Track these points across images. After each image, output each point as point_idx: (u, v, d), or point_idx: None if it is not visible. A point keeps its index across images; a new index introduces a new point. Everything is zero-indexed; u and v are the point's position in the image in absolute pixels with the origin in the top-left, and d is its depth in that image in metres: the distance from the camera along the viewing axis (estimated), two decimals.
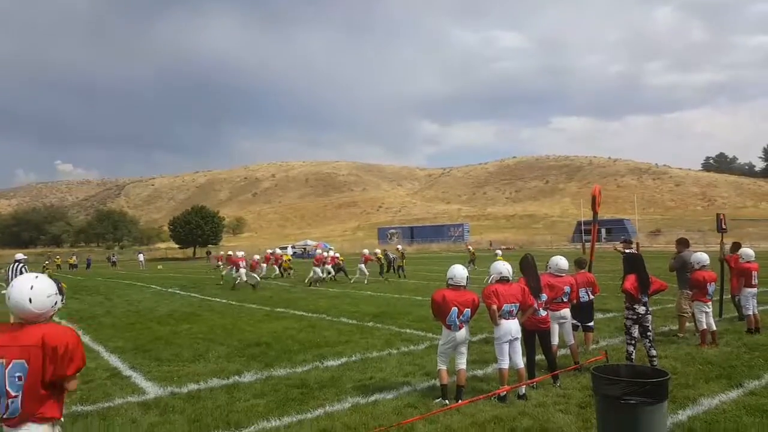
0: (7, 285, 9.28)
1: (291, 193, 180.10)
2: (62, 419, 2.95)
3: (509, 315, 5.59)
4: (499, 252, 21.47)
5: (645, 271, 6.66)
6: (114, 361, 7.89)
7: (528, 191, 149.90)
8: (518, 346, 5.66)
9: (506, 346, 5.58)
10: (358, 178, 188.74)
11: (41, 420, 2.83)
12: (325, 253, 21.94)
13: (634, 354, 6.52)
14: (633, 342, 6.54)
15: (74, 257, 56.12)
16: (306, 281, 20.37)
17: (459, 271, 5.64)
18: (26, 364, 2.79)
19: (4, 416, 2.80)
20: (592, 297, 7.67)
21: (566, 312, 6.75)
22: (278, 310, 13.06)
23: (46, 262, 52.59)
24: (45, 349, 2.80)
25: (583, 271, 7.82)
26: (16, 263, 12.96)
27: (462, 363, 5.56)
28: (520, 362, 5.64)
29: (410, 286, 18.63)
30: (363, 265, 21.09)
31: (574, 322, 7.27)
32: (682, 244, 9.17)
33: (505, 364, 5.57)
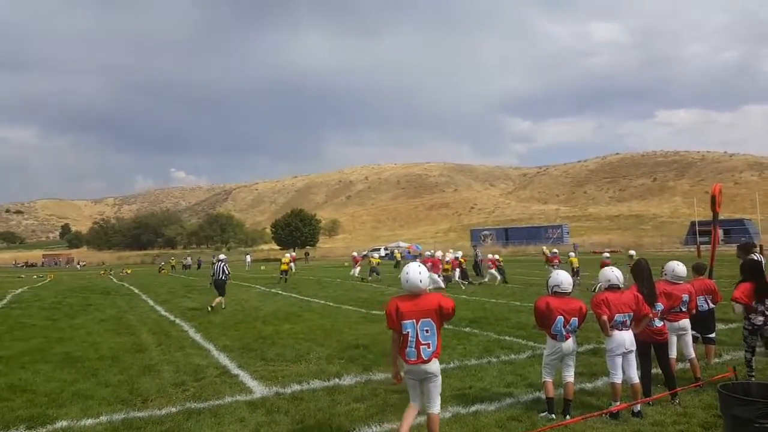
0: (213, 278, 13.74)
1: (383, 195, 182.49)
2: None
3: (622, 325, 5.22)
4: (607, 254, 20.10)
5: (764, 278, 6.10)
6: (223, 359, 8.30)
7: (634, 190, 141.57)
8: (633, 359, 5.28)
9: (619, 359, 5.22)
10: (449, 179, 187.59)
11: (439, 355, 4.31)
12: (449, 255, 21.46)
13: (753, 362, 6.06)
14: (751, 350, 6.08)
15: (188, 258, 60.23)
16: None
17: (565, 278, 5.35)
18: (432, 321, 4.22)
19: (421, 359, 4.17)
20: (712, 306, 7.06)
21: (685, 322, 6.23)
22: (374, 312, 13.19)
23: (162, 264, 56.96)
24: (440, 309, 4.25)
25: (701, 277, 7.22)
26: (219, 262, 15.85)
27: (569, 375, 5.27)
28: (635, 376, 5.26)
29: (507, 291, 18.16)
30: (493, 270, 21.10)
31: (694, 333, 6.71)
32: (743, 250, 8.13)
33: (618, 378, 5.21)
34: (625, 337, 5.23)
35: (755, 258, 7.84)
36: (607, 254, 20.20)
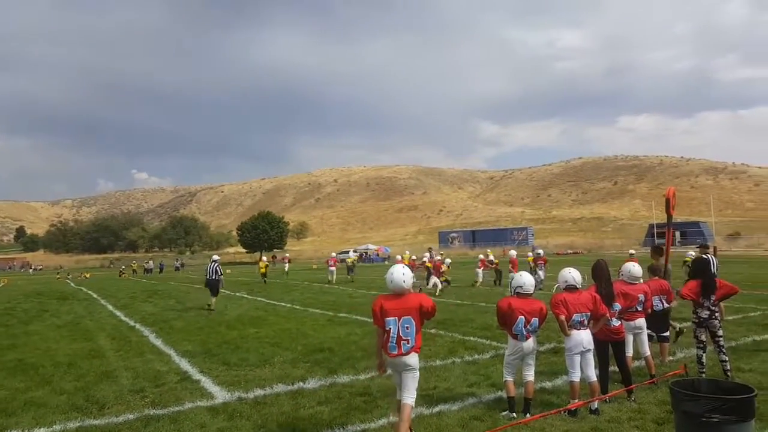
0: (207, 278, 14.26)
1: (352, 198, 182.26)
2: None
3: (580, 325, 5.35)
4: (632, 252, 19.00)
5: (710, 275, 6.49)
6: (184, 364, 8.15)
7: (595, 193, 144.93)
8: (590, 358, 5.41)
9: (577, 358, 5.34)
10: (418, 182, 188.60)
11: (419, 350, 4.66)
12: (438, 257, 20.73)
13: (704, 359, 6.31)
14: (702, 346, 6.35)
15: (150, 262, 58.96)
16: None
17: (527, 279, 5.45)
18: (413, 319, 4.52)
19: (401, 352, 4.52)
20: (666, 305, 7.28)
21: (641, 322, 6.41)
22: (341, 315, 13.17)
23: (122, 267, 55.61)
24: (421, 308, 4.54)
25: (656, 278, 7.44)
26: (213, 263, 16.30)
27: (530, 375, 5.36)
28: (593, 375, 5.39)
29: (473, 292, 18.35)
30: (480, 270, 21.35)
31: (649, 332, 6.91)
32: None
33: (577, 377, 5.33)
34: (583, 337, 5.35)
35: (705, 258, 8.11)
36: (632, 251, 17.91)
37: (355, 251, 47.30)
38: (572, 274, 5.54)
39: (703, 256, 8.96)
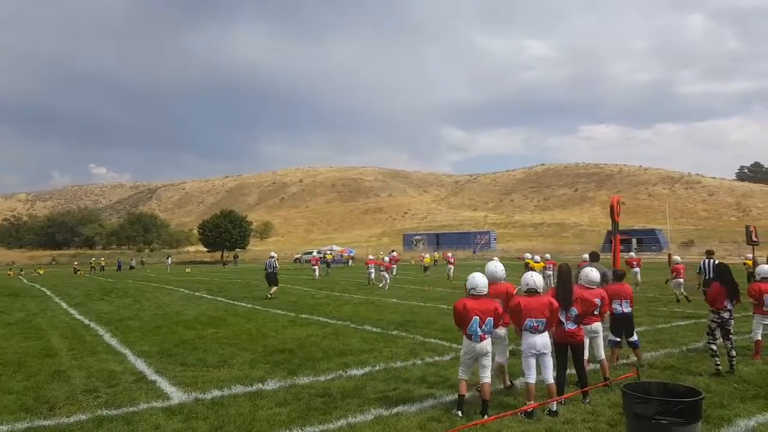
0: (267, 271, 17.70)
1: (318, 198, 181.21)
2: None
3: (533, 329, 5.48)
4: (538, 258, 19.73)
5: (732, 280, 7.10)
6: (140, 365, 7.97)
7: (556, 199, 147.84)
8: (548, 361, 5.53)
9: (532, 360, 5.47)
10: (384, 184, 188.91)
11: None
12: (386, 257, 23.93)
13: (717, 352, 6.94)
14: (715, 341, 7.03)
15: (103, 259, 57.32)
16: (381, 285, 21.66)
17: (480, 280, 5.56)
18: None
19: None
20: (629, 310, 7.44)
21: (597, 326, 6.58)
22: (303, 316, 13.09)
23: (75, 263, 53.97)
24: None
25: (617, 283, 7.66)
26: (271, 258, 19.30)
27: (486, 377, 5.44)
28: (550, 377, 5.50)
29: (436, 295, 18.50)
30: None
31: (617, 339, 7.19)
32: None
33: (531, 379, 5.44)
34: (537, 340, 5.48)
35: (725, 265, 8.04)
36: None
37: (319, 252, 47.16)
38: (534, 278, 5.68)
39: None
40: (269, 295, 17.79)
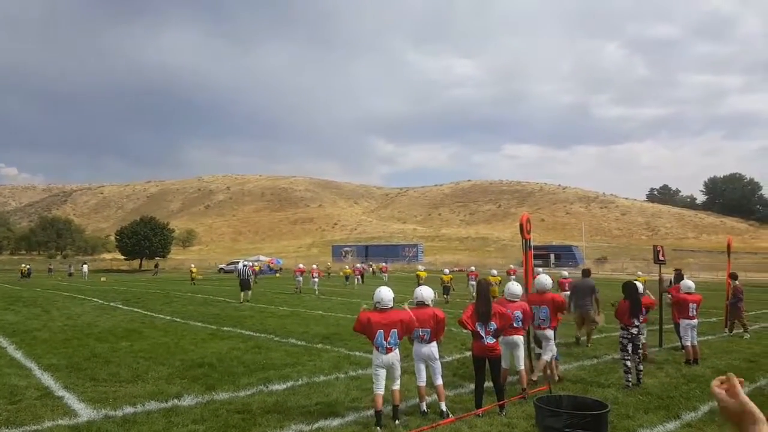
0: (241, 278, 20.46)
1: (245, 207, 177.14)
2: None
3: (420, 339, 5.94)
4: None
5: (637, 297, 7.67)
6: (46, 379, 7.48)
7: (481, 214, 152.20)
8: (437, 367, 6.02)
9: (421, 365, 5.99)
10: (314, 194, 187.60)
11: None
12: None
13: (631, 368, 7.36)
14: (629, 357, 7.40)
15: (24, 265, 52.93)
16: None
17: (385, 294, 5.74)
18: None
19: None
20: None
21: (518, 338, 6.82)
22: (225, 329, 12.72)
23: None
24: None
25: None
26: (244, 266, 21.59)
27: (396, 385, 5.70)
28: (438, 380, 5.99)
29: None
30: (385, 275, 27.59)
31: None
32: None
33: (420, 382, 5.99)
34: (422, 349, 5.94)
35: (632, 282, 8.68)
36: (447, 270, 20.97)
37: (245, 264, 46.04)
38: (422, 292, 6.13)
39: (634, 280, 9.62)
40: (241, 301, 19.22)
